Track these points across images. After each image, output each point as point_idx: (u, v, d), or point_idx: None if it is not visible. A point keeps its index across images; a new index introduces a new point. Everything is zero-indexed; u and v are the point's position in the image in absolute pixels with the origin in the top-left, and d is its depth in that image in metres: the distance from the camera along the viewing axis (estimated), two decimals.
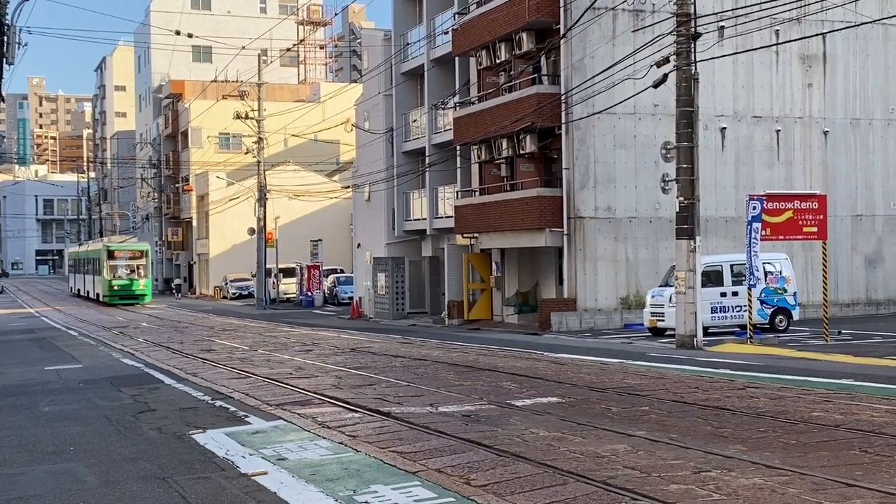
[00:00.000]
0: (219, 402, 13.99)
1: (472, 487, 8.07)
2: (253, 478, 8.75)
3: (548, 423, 11.21)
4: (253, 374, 17.78)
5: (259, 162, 52.17)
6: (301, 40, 75.56)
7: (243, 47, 52.65)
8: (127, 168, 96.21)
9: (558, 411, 12.09)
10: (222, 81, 62.00)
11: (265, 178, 52.54)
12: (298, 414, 12.48)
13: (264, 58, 55.56)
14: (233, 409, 13.30)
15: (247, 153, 55.56)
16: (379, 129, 43.14)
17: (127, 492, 8.41)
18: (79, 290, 70.78)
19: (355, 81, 73.87)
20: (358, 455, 9.60)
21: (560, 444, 9.86)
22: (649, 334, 26.39)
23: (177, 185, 77.94)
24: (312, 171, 63.26)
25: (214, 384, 16.27)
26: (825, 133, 32.62)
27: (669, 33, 22.94)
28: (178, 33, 45.61)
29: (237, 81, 59.01)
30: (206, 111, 65.72)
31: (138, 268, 58.32)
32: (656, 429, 10.64)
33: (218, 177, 64.63)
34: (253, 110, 51.68)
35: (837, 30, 29.75)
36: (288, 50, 60.77)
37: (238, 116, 51.71)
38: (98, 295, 59.64)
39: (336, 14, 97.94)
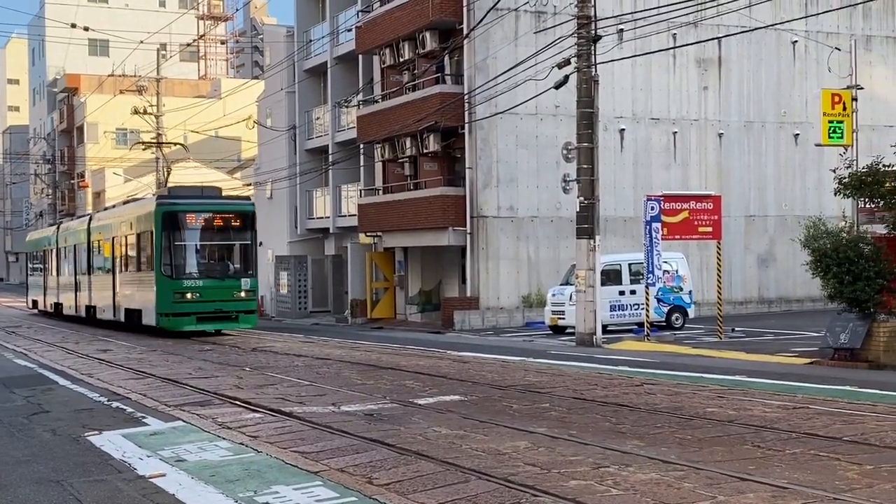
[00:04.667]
0: (115, 404, 13.69)
1: (374, 486, 8.07)
2: (151, 480, 8.60)
3: (450, 421, 11.26)
4: (151, 374, 17.46)
5: (158, 158, 51.18)
6: (201, 35, 74.39)
7: (141, 41, 51.42)
8: (20, 163, 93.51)
9: (460, 409, 12.15)
10: (120, 76, 60.47)
11: (165, 174, 51.55)
12: (198, 415, 12.30)
13: (163, 52, 54.52)
14: (130, 410, 13.04)
15: (145, 149, 54.43)
16: (281, 127, 42.77)
17: (20, 495, 8.19)
18: (57, 305, 39.07)
19: (257, 78, 72.94)
20: (259, 455, 9.51)
21: (462, 441, 9.92)
22: (550, 332, 26.71)
23: (72, 182, 76.02)
24: (213, 168, 62.34)
25: (111, 385, 15.92)
26: (720, 135, 33.43)
27: (570, 35, 23.25)
28: (73, 26, 44.51)
29: (135, 76, 57.71)
30: (103, 106, 64.26)
31: (233, 252, 27.74)
32: (556, 425, 10.77)
33: (115, 173, 63.22)
34: (151, 105, 50.68)
35: (732, 34, 30.50)
36: (188, 45, 59.69)
37: (136, 112, 50.63)
38: (138, 313, 28.53)
39: (237, 9, 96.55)
